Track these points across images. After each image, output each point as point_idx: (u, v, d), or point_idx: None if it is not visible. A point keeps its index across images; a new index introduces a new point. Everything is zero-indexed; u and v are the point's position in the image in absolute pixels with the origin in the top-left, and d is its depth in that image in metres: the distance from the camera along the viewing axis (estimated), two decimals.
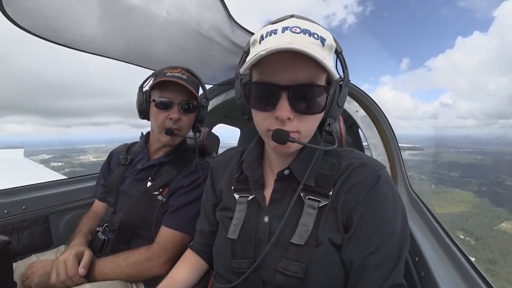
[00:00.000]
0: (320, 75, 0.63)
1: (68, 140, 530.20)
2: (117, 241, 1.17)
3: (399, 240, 0.64)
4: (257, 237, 0.74)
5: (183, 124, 1.21)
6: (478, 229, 47.73)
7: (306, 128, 0.66)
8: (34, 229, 1.42)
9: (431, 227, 1.04)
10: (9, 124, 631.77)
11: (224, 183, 0.89)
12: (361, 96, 1.62)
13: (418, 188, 1.42)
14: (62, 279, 0.95)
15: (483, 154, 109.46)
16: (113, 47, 1.27)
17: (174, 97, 1.16)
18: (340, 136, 1.02)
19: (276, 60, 0.60)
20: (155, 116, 1.18)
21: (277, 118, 0.63)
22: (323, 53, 0.60)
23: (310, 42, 0.58)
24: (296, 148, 0.70)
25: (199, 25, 1.17)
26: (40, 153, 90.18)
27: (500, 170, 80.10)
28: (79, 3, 0.94)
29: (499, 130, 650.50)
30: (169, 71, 1.17)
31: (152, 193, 1.18)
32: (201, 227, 0.96)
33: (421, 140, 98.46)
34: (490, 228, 48.19)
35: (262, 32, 0.63)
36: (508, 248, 39.32)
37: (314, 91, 0.62)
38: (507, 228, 46.47)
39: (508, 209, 54.84)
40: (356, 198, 0.67)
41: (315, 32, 0.61)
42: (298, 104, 0.62)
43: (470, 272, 0.72)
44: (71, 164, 69.51)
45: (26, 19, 0.96)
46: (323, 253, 0.66)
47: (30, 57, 43.56)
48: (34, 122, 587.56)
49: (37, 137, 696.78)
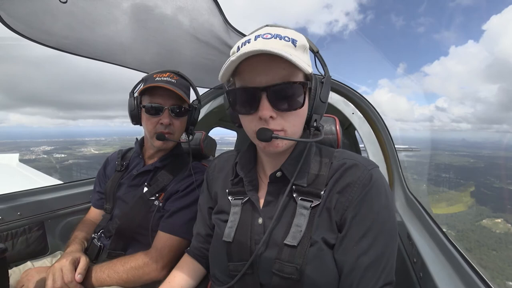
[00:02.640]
0: (296, 73, 0.66)
1: (66, 132, 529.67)
2: (114, 247, 1.16)
3: (390, 238, 0.65)
4: (252, 239, 0.74)
5: (175, 128, 1.20)
6: (460, 224, 54.20)
7: (290, 125, 0.68)
8: (30, 235, 1.40)
9: (429, 228, 1.04)
10: (14, 114, 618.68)
11: (219, 186, 0.89)
12: (357, 98, 1.63)
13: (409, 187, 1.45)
14: (59, 285, 0.93)
15: (476, 157, 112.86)
16: (108, 51, 1.26)
17: (164, 102, 1.16)
18: (337, 138, 1.02)
19: (252, 66, 0.64)
20: (146, 121, 1.18)
21: (260, 119, 0.66)
22: (296, 52, 0.65)
23: (282, 45, 0.63)
24: (285, 146, 0.71)
25: (195, 29, 1.17)
26: (40, 145, 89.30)
27: (490, 173, 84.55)
28: (74, 8, 0.94)
29: (494, 135, 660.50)
30: (158, 75, 1.17)
31: (149, 198, 1.18)
32: (198, 230, 0.96)
33: (416, 143, 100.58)
34: (472, 223, 54.66)
35: (238, 43, 0.69)
36: (484, 240, 46.78)
37: (291, 88, 0.66)
38: (487, 224, 53.68)
39: (490, 208, 61.17)
40: (350, 198, 0.68)
41: (285, 36, 0.65)
42: (278, 102, 0.66)
43: (468, 273, 0.72)
44: (73, 155, 69.11)
45: (21, 24, 0.96)
46: (317, 253, 0.66)
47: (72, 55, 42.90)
48: (45, 114, 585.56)
49: (36, 128, 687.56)
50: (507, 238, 48.88)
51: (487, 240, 48.44)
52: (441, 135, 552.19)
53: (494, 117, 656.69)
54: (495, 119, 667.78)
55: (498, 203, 62.96)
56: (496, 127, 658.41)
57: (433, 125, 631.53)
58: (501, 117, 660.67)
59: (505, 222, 53.11)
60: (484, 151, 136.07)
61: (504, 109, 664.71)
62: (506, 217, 55.15)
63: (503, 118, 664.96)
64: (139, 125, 1.23)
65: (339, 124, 1.05)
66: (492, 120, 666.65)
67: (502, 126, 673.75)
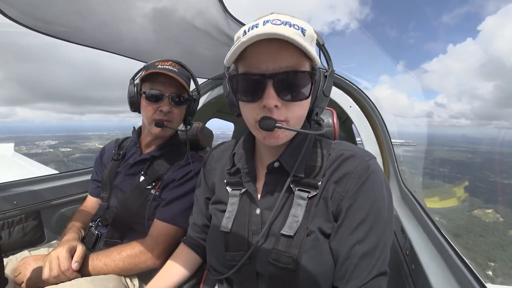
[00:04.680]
0: (304, 63, 0.64)
1: (68, 126, 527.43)
2: (110, 236, 1.16)
3: (385, 228, 0.66)
4: (250, 229, 0.74)
5: (174, 117, 1.20)
6: (452, 213, 58.20)
7: (294, 116, 0.67)
8: (26, 225, 1.41)
9: (422, 222, 1.05)
10: (21, 108, 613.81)
11: (217, 177, 0.89)
12: (355, 92, 1.62)
13: (406, 179, 1.47)
14: (55, 273, 0.94)
15: (474, 153, 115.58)
16: (105, 40, 1.24)
17: (164, 90, 1.15)
18: (334, 131, 1.02)
19: (259, 51, 0.61)
20: (146, 108, 1.17)
21: (264, 107, 0.64)
22: (304, 42, 0.61)
23: (291, 32, 0.59)
24: (286, 139, 0.70)
25: (193, 18, 1.15)
26: (45, 139, 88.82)
27: (486, 167, 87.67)
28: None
29: (493, 130, 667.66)
30: (160, 63, 1.16)
31: (145, 187, 1.18)
32: (194, 220, 0.96)
33: (416, 138, 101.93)
34: (463, 213, 59.21)
35: (245, 28, 0.65)
36: (472, 227, 52.14)
37: (299, 78, 0.63)
38: (477, 213, 58.68)
39: (482, 200, 65.62)
40: (346, 188, 0.68)
41: (295, 24, 0.62)
42: (284, 91, 0.63)
43: (459, 266, 0.73)
44: (79, 149, 69.09)
45: (15, 9, 0.93)
46: (314, 243, 0.67)
47: (94, 51, 42.04)
48: (54, 109, 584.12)
49: (38, 123, 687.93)
50: (494, 226, 53.40)
51: (476, 227, 53.37)
52: (440, 130, 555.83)
53: (492, 113, 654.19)
54: (493, 115, 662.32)
55: (490, 195, 67.23)
56: (496, 123, 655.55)
57: (433, 121, 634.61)
58: (498, 112, 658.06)
59: (494, 212, 58.01)
60: (482, 146, 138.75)
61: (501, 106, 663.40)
62: (496, 208, 60.09)
63: (500, 114, 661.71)
64: (138, 112, 1.22)
65: (336, 117, 1.05)
66: (491, 116, 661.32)
67: (500, 122, 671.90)
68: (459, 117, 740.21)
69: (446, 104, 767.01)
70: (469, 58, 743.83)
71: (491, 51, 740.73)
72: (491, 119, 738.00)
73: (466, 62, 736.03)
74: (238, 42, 0.59)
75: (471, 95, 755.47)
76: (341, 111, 1.64)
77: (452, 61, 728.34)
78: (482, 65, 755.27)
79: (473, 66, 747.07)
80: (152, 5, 1.05)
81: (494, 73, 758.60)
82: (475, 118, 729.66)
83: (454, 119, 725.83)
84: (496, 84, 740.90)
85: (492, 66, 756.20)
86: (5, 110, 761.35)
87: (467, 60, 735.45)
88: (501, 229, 52.89)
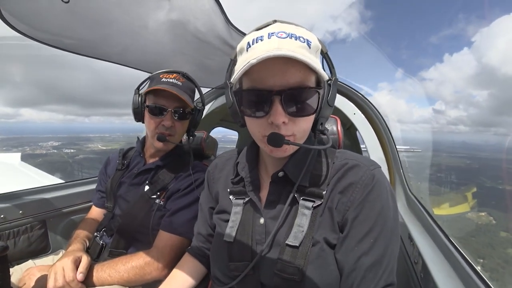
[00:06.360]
0: (310, 77, 0.64)
1: (69, 128, 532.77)
2: (115, 246, 1.16)
3: (392, 239, 0.65)
4: (254, 239, 0.74)
5: (176, 130, 1.20)
6: (446, 215, 60.08)
7: (300, 130, 0.67)
8: (31, 234, 1.41)
9: (430, 229, 1.04)
10: (25, 109, 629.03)
11: (221, 186, 0.89)
12: (358, 99, 1.62)
13: (412, 185, 1.48)
14: (60, 284, 0.93)
15: (472, 159, 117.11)
16: (111, 51, 1.27)
17: (167, 104, 1.16)
18: (338, 139, 1.02)
19: (266, 66, 0.60)
20: (149, 121, 1.18)
21: (272, 124, 0.64)
22: (310, 55, 0.61)
23: (297, 46, 0.59)
24: (292, 151, 0.70)
25: (197, 29, 1.17)
26: (48, 140, 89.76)
27: (484, 174, 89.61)
28: (76, 7, 0.95)
29: (493, 137, 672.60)
30: (165, 76, 1.17)
31: (150, 197, 1.18)
32: (199, 230, 0.96)
33: (414, 144, 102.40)
34: (457, 215, 59.98)
35: (248, 39, 0.64)
36: (465, 228, 54.04)
37: (306, 93, 0.63)
38: (471, 216, 60.62)
39: (477, 203, 66.02)
40: (351, 198, 0.67)
41: (300, 36, 0.61)
42: (291, 107, 0.63)
43: (469, 274, 0.72)
44: (82, 151, 69.69)
45: (23, 23, 0.96)
46: (319, 253, 0.66)
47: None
48: (62, 111, 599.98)
49: (40, 124, 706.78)
50: (486, 228, 56.76)
51: (468, 228, 56.01)
52: (438, 137, 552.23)
53: (486, 120, 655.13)
54: (487, 122, 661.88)
55: (485, 199, 68.83)
56: (494, 129, 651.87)
57: (432, 127, 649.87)
58: (494, 120, 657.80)
59: (488, 215, 61.11)
60: (481, 153, 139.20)
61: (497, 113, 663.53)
62: (489, 211, 62.67)
63: (496, 121, 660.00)
64: (142, 122, 1.23)
65: (340, 124, 1.05)
66: (487, 123, 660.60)
67: (498, 129, 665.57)
68: (457, 124, 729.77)
69: (444, 110, 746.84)
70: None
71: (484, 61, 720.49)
72: (486, 126, 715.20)
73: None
74: (247, 63, 0.58)
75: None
76: (345, 118, 1.64)
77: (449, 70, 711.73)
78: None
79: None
80: (159, 18, 1.07)
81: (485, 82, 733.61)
82: (472, 124, 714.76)
83: (453, 126, 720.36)
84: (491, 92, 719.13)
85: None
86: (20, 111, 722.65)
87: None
88: (493, 230, 55.87)
